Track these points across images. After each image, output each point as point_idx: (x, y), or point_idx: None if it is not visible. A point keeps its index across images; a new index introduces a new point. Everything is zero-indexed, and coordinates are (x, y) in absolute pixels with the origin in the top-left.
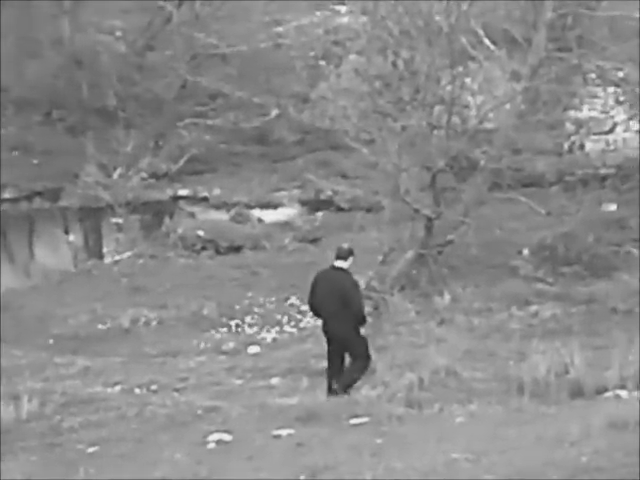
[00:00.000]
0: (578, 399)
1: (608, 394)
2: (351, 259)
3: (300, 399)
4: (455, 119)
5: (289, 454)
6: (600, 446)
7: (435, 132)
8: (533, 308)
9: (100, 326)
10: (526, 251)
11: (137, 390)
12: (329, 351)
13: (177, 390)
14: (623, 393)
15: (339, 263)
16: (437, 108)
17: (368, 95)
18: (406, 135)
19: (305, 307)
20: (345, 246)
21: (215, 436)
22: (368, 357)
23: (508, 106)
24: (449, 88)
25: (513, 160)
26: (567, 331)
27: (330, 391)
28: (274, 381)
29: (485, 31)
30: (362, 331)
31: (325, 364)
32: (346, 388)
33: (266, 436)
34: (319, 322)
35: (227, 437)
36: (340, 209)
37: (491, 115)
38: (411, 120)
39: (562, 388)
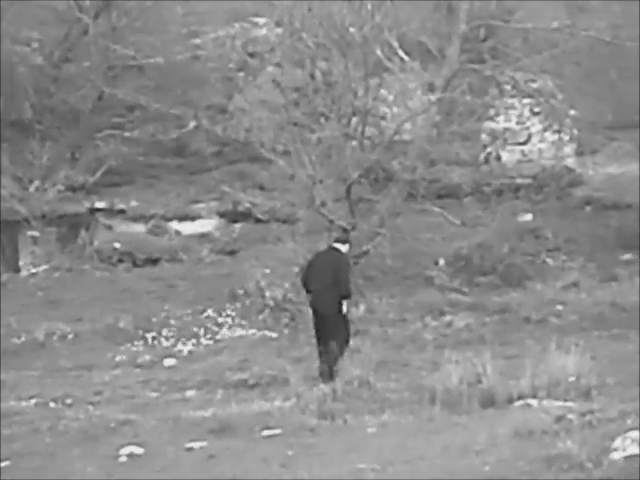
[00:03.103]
0: (489, 408)
1: (519, 403)
2: (347, 245)
3: (214, 411)
4: (371, 130)
5: (200, 466)
6: (504, 455)
7: (351, 143)
8: (447, 318)
9: (15, 340)
10: (442, 261)
11: (52, 404)
12: (315, 327)
13: (92, 404)
14: (533, 402)
15: (337, 245)
16: (354, 119)
17: (284, 107)
18: (321, 146)
19: (222, 319)
20: (344, 233)
21: (127, 449)
22: (347, 334)
23: (423, 117)
24: (364, 99)
25: (428, 171)
26: (480, 341)
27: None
28: (189, 393)
29: (399, 42)
30: (345, 308)
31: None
32: (331, 367)
33: (178, 449)
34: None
35: (139, 450)
36: (258, 220)
37: (407, 126)
38: (326, 131)
39: (474, 397)
